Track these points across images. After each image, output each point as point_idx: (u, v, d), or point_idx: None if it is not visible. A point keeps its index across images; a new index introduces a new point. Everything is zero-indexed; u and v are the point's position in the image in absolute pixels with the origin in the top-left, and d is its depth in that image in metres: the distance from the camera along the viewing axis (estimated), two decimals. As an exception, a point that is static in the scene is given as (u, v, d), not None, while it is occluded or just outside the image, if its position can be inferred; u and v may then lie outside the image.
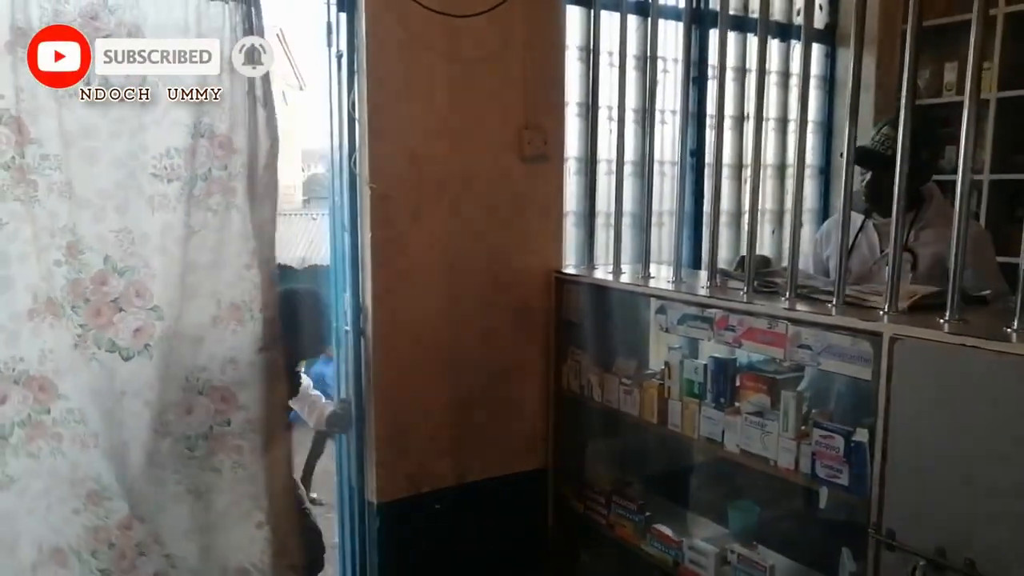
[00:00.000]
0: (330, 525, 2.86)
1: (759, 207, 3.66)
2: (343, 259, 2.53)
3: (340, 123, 2.42)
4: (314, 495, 4.52)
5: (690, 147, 3.36)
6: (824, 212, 3.71)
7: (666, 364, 2.37)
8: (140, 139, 2.03)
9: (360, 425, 2.54)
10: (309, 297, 2.59)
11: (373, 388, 2.49)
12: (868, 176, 2.39)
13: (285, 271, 6.12)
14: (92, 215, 2.01)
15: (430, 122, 2.46)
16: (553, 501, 2.81)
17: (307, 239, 8.78)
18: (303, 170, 15.74)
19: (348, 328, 2.54)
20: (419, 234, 2.48)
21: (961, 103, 1.72)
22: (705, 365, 2.25)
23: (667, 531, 2.41)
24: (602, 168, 2.89)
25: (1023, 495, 1.50)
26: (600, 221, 2.91)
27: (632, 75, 3.01)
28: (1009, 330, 1.61)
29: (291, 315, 2.35)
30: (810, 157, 3.81)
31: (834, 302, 1.93)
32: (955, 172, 1.74)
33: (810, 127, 3.89)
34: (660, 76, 3.16)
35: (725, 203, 3.52)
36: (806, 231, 3.73)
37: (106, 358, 2.05)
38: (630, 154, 2.96)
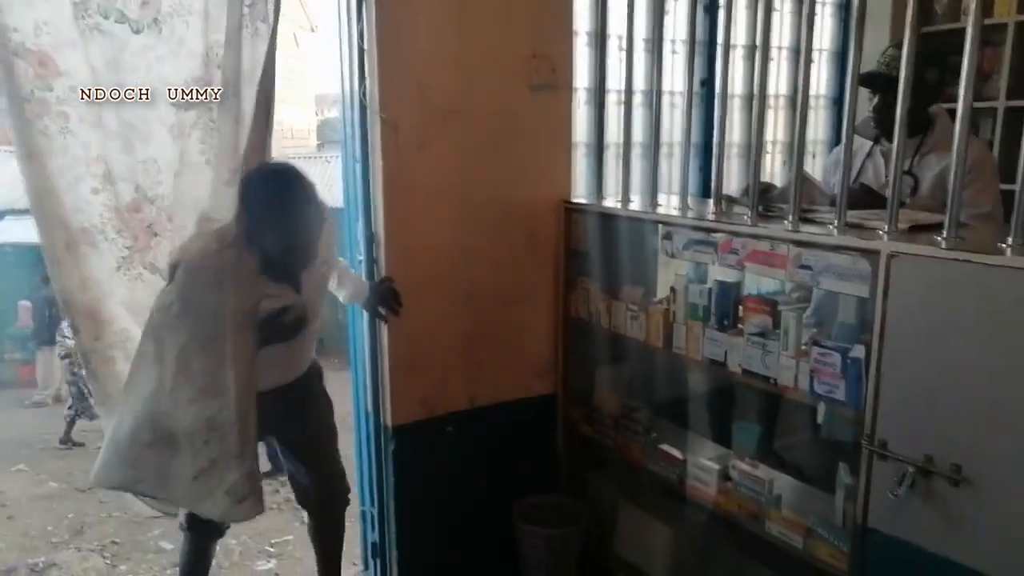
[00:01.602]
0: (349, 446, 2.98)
1: (773, 138, 3.72)
2: (355, 190, 2.58)
3: (351, 56, 2.45)
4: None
5: (701, 77, 3.36)
6: (837, 143, 3.69)
7: (672, 289, 2.42)
8: (158, 71, 2.07)
9: (374, 352, 2.63)
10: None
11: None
12: (876, 100, 2.39)
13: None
14: (121, 146, 2.07)
15: (438, 51, 2.47)
16: (563, 425, 2.90)
17: (322, 182, 8.84)
18: (317, 114, 15.73)
19: (362, 258, 2.61)
20: (429, 163, 2.52)
21: (979, 28, 1.71)
22: (710, 289, 2.30)
23: (672, 451, 2.50)
24: (612, 99, 2.89)
25: (1007, 403, 1.56)
26: (610, 153, 2.94)
27: (642, 3, 2.99)
28: (1004, 245, 1.64)
29: None
30: (824, 87, 3.79)
31: (835, 224, 1.96)
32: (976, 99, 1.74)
33: (825, 56, 3.85)
34: (671, 4, 3.14)
35: (737, 135, 3.52)
36: (820, 164, 3.73)
37: (150, 279, 2.15)
38: (640, 84, 2.96)
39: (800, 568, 2.11)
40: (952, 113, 2.48)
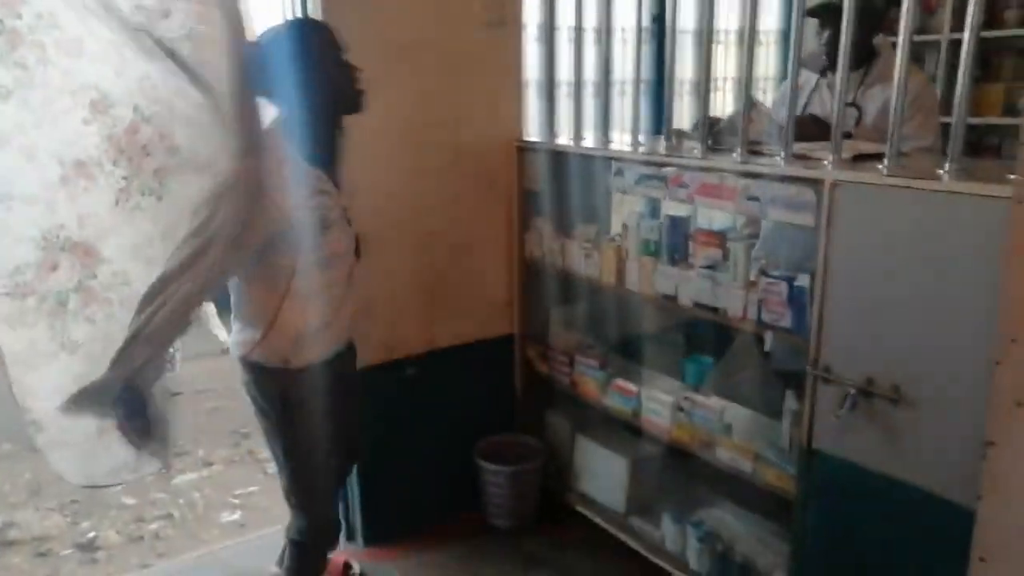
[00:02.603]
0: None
1: (724, 74, 3.72)
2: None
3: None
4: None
5: (652, 12, 3.33)
6: (786, 78, 3.70)
7: (624, 226, 2.44)
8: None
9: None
10: None
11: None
12: (826, 34, 2.40)
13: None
14: (112, 69, 1.96)
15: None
16: (520, 364, 2.94)
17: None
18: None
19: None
20: (377, 104, 2.46)
21: None
22: (661, 223, 2.32)
23: (627, 385, 2.55)
24: (562, 36, 2.86)
25: (942, 323, 1.62)
26: (563, 92, 2.91)
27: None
28: (941, 171, 1.68)
29: None
30: (774, 21, 3.79)
31: (782, 155, 1.99)
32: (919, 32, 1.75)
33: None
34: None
35: (689, 71, 3.52)
36: (771, 100, 3.75)
37: (148, 205, 2.00)
38: (591, 21, 2.93)
39: (750, 491, 2.19)
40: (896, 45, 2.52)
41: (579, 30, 2.67)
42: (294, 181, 1.88)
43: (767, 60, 3.77)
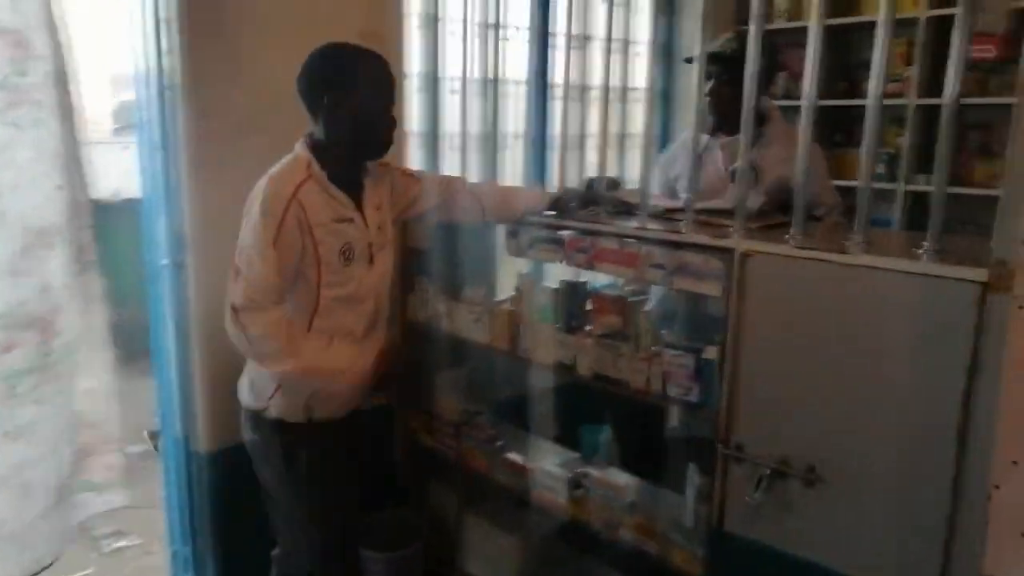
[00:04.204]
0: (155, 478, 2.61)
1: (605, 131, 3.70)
2: (157, 182, 2.23)
3: (144, 23, 2.10)
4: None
5: (536, 67, 3.26)
6: (664, 136, 3.74)
7: (517, 290, 2.30)
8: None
9: (183, 369, 2.29)
10: None
11: (196, 326, 2.24)
12: (710, 85, 2.38)
13: (97, 205, 5.51)
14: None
15: (253, 24, 2.18)
16: (401, 436, 2.70)
17: (120, 170, 7.96)
18: (113, 95, 14.26)
19: (166, 261, 2.26)
20: (247, 154, 2.21)
21: (791, 29, 1.70)
22: (556, 289, 2.20)
23: (518, 458, 2.37)
24: (444, 87, 2.72)
25: (858, 402, 1.56)
26: (444, 144, 2.76)
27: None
28: (848, 243, 1.64)
29: None
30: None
31: (685, 221, 1.91)
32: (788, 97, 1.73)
33: (650, 49, 3.89)
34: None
35: (571, 127, 3.46)
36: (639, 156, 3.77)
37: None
38: (475, 72, 2.81)
39: (656, 573, 2.06)
40: (782, 109, 2.57)
41: (465, 80, 2.54)
42: (319, 199, 1.86)
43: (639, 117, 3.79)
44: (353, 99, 1.85)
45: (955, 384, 1.40)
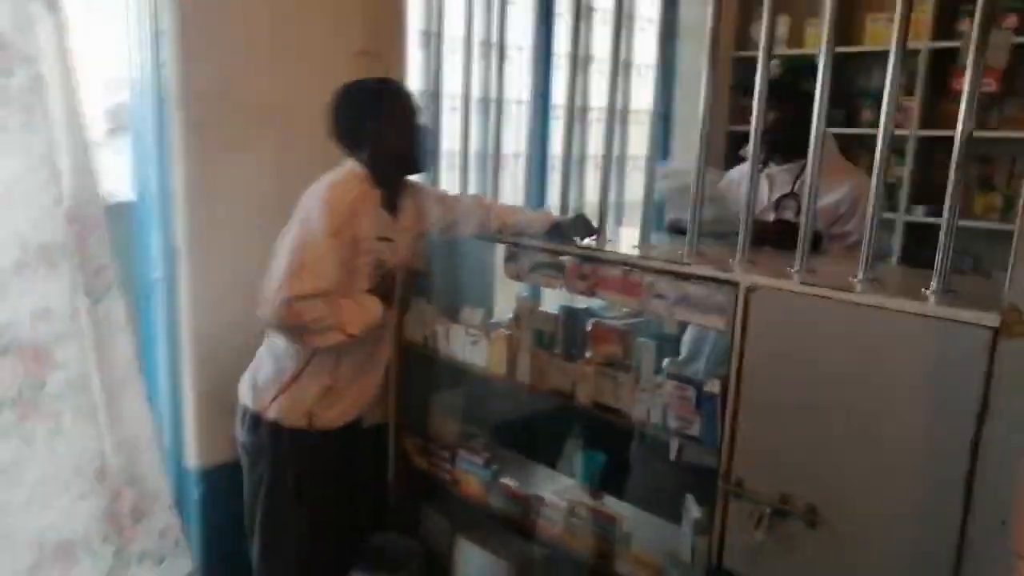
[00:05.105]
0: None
1: (601, 152, 3.68)
2: (150, 195, 2.19)
3: (141, 33, 2.07)
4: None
5: (539, 87, 3.24)
6: (664, 159, 3.72)
7: (515, 314, 2.27)
8: None
9: (176, 384, 2.25)
10: None
11: (189, 341, 2.20)
12: (772, 115, 2.30)
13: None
14: None
15: (250, 39, 2.15)
16: (395, 457, 2.67)
17: (110, 173, 7.91)
18: (104, 96, 14.18)
19: (158, 275, 2.22)
20: (242, 169, 2.19)
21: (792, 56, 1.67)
22: (556, 315, 2.17)
23: (514, 484, 2.34)
24: (445, 105, 2.69)
25: (863, 443, 1.54)
26: (444, 163, 2.73)
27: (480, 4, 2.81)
28: (854, 280, 1.63)
29: None
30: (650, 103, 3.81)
31: (686, 251, 1.89)
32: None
33: (651, 72, 3.88)
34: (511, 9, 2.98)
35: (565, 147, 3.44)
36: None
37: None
38: (477, 91, 2.78)
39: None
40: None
41: (466, 99, 2.51)
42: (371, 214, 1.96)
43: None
44: (392, 125, 1.97)
45: (964, 429, 1.38)
